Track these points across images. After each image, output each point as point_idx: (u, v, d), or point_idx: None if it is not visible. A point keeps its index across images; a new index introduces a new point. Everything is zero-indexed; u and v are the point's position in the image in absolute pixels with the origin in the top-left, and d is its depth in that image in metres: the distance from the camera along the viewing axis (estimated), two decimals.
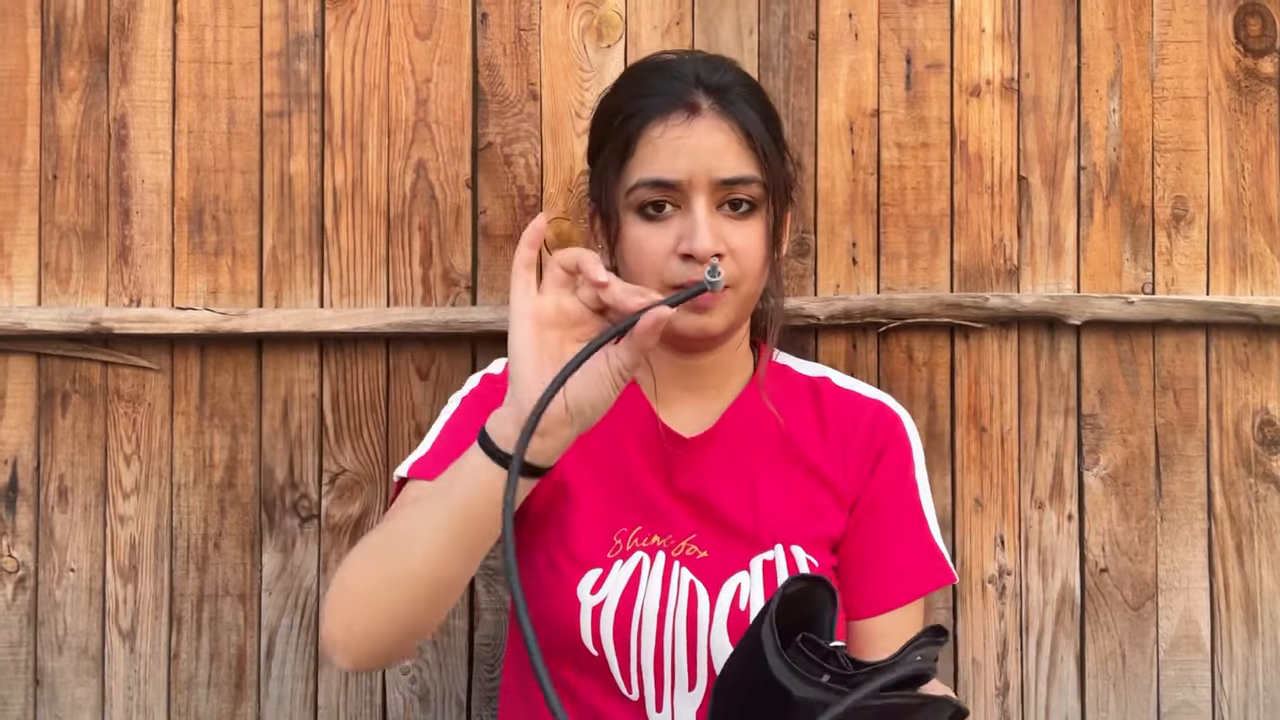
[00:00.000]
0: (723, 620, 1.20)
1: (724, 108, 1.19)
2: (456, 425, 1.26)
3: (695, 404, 1.29)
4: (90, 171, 1.57)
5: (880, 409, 1.32)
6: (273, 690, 1.57)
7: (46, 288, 1.56)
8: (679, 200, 1.18)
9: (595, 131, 1.28)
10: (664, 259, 1.18)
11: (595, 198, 1.27)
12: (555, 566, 1.23)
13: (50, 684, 1.56)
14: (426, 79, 1.58)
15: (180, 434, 1.57)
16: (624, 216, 1.21)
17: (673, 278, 1.17)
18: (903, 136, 1.61)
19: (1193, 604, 1.62)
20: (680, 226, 1.18)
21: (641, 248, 1.19)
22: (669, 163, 1.17)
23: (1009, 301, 1.59)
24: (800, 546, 1.24)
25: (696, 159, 1.17)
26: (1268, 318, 1.60)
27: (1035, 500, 1.61)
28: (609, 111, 1.25)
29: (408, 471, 1.23)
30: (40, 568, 1.56)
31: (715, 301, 1.18)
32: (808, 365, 1.37)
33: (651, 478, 1.26)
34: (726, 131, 1.18)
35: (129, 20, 1.57)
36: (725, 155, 1.18)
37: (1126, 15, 1.62)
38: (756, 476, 1.27)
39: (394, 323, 1.55)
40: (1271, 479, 1.63)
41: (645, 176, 1.18)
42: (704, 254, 1.15)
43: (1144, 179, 1.62)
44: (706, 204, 1.17)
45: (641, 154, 1.19)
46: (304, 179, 1.58)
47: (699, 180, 1.17)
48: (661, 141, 1.18)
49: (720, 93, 1.20)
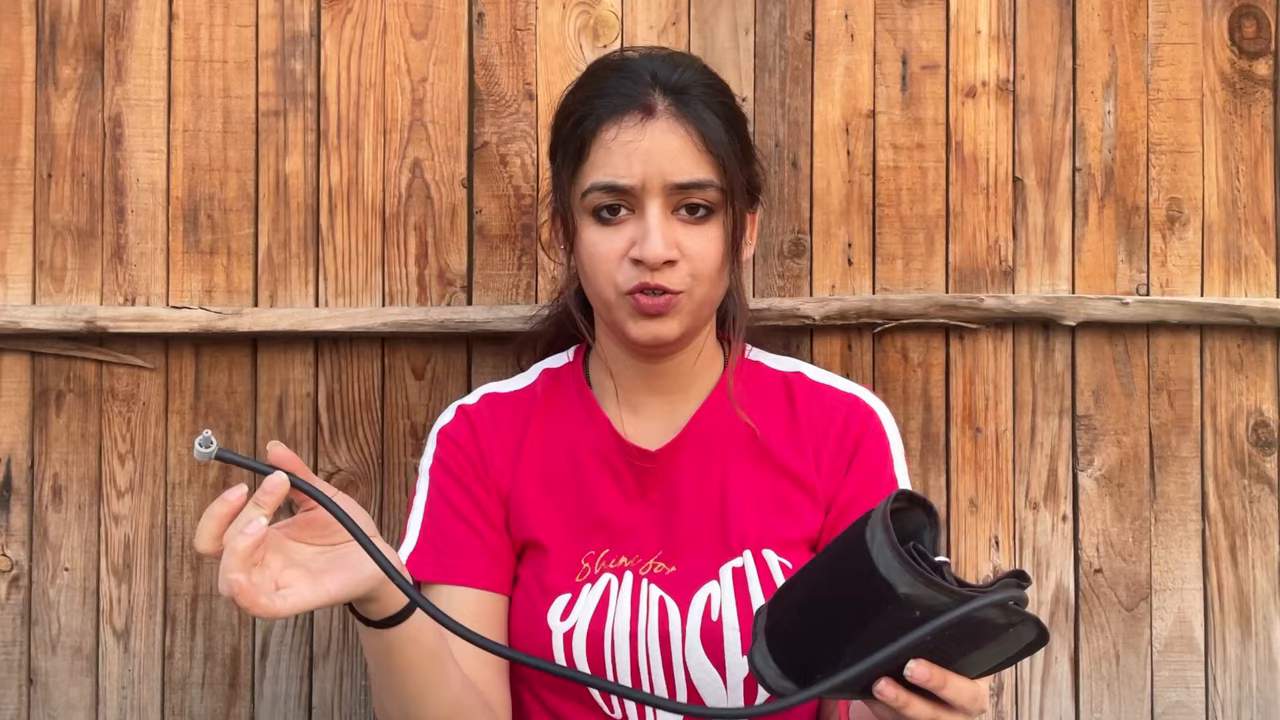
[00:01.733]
0: (695, 633, 1.19)
1: (680, 109, 1.16)
2: (435, 507, 1.26)
3: (662, 408, 1.28)
4: (85, 170, 1.57)
5: (855, 403, 1.28)
6: (267, 690, 1.57)
7: (41, 286, 1.56)
8: (633, 204, 1.16)
9: (553, 132, 1.25)
10: (616, 263, 1.16)
11: (554, 199, 1.25)
12: (528, 595, 1.23)
13: (44, 683, 1.56)
14: (422, 78, 1.58)
15: (175, 433, 1.57)
16: (579, 219, 1.19)
17: (625, 282, 1.16)
18: (898, 137, 1.61)
19: (1186, 605, 1.62)
20: (634, 230, 1.15)
21: (594, 253, 1.17)
22: (623, 166, 1.15)
23: (1004, 302, 1.59)
24: (772, 550, 1.22)
25: (650, 162, 1.14)
26: (1262, 319, 1.60)
27: (1030, 501, 1.61)
28: (565, 112, 1.22)
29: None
30: (34, 567, 1.56)
31: (664, 306, 1.16)
32: (781, 360, 1.34)
33: (618, 497, 1.25)
34: (682, 135, 1.15)
35: (124, 19, 1.57)
36: (680, 159, 1.15)
37: (1122, 17, 1.62)
38: (726, 481, 1.25)
39: (389, 322, 1.55)
40: (1265, 480, 1.63)
41: (598, 180, 1.16)
42: (654, 259, 1.13)
43: (1139, 180, 1.63)
44: (661, 208, 1.15)
45: (595, 157, 1.16)
46: (299, 178, 1.58)
47: (652, 184, 1.14)
48: (615, 144, 1.15)
49: (677, 93, 1.17)
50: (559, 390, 1.31)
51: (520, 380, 1.33)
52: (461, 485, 1.26)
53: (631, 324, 1.18)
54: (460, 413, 1.30)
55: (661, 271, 1.15)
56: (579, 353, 1.33)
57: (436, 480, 1.27)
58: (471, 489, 1.25)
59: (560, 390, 1.31)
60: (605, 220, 1.17)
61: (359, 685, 1.58)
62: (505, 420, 1.29)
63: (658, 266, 1.14)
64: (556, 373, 1.33)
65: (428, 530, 1.25)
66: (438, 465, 1.28)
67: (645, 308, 1.15)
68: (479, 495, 1.25)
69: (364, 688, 1.58)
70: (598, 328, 1.28)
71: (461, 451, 1.27)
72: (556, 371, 1.33)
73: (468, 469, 1.26)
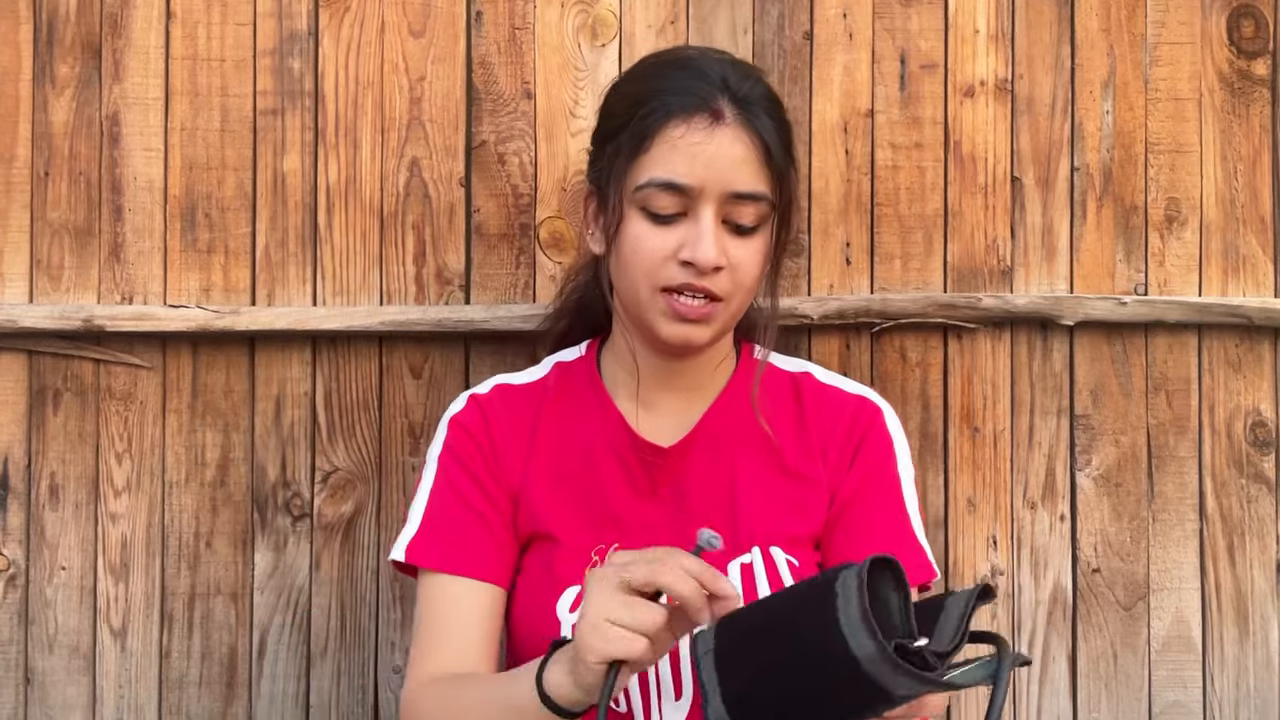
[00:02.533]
0: None
1: (748, 120, 1.16)
2: (442, 493, 1.26)
3: (676, 405, 1.28)
4: (82, 169, 1.56)
5: (861, 403, 1.29)
6: (264, 689, 1.57)
7: (38, 285, 1.56)
8: (687, 206, 1.16)
9: (609, 116, 1.23)
10: (662, 262, 1.16)
11: (596, 181, 1.24)
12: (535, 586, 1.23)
13: (41, 683, 1.56)
14: (420, 77, 1.58)
15: (172, 432, 1.57)
16: (627, 210, 1.18)
17: (668, 280, 1.16)
18: (897, 137, 1.61)
19: (1184, 604, 1.62)
20: (684, 233, 1.15)
21: (639, 246, 1.17)
22: (685, 167, 1.14)
23: (1002, 302, 1.59)
24: (780, 547, 1.23)
25: (713, 168, 1.14)
26: (1260, 319, 1.60)
27: (1028, 500, 1.61)
28: (628, 99, 1.21)
29: (405, 555, 1.24)
30: (31, 566, 1.56)
31: (706, 314, 1.17)
32: (789, 361, 1.34)
33: (629, 492, 1.25)
34: (747, 144, 1.16)
35: (122, 17, 1.56)
36: (742, 169, 1.15)
37: (1120, 17, 1.62)
38: (735, 479, 1.26)
39: (387, 321, 1.55)
40: (1263, 480, 1.63)
41: (658, 176, 1.15)
42: (706, 264, 1.14)
43: (1137, 180, 1.63)
44: (715, 214, 1.15)
45: (657, 151, 1.16)
46: (297, 177, 1.57)
47: (712, 190, 1.15)
48: (681, 143, 1.15)
49: (746, 104, 1.16)
50: (571, 384, 1.31)
51: (532, 373, 1.33)
52: (470, 473, 1.25)
53: (664, 323, 1.18)
54: (473, 401, 1.30)
55: (709, 276, 1.15)
56: (591, 347, 1.33)
57: (445, 467, 1.27)
58: (480, 478, 1.25)
59: (573, 384, 1.31)
60: (656, 218, 1.16)
61: (356, 684, 1.58)
62: (518, 411, 1.29)
63: (707, 271, 1.15)
64: (569, 366, 1.33)
65: (432, 516, 1.25)
66: (447, 452, 1.28)
67: (685, 312, 1.16)
68: (487, 485, 1.25)
69: (361, 686, 1.58)
70: (616, 322, 1.28)
71: (473, 440, 1.27)
72: (569, 365, 1.33)
73: (477, 458, 1.26)
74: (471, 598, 1.21)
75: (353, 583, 1.57)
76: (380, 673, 1.58)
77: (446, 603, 1.22)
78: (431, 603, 1.23)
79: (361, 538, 1.57)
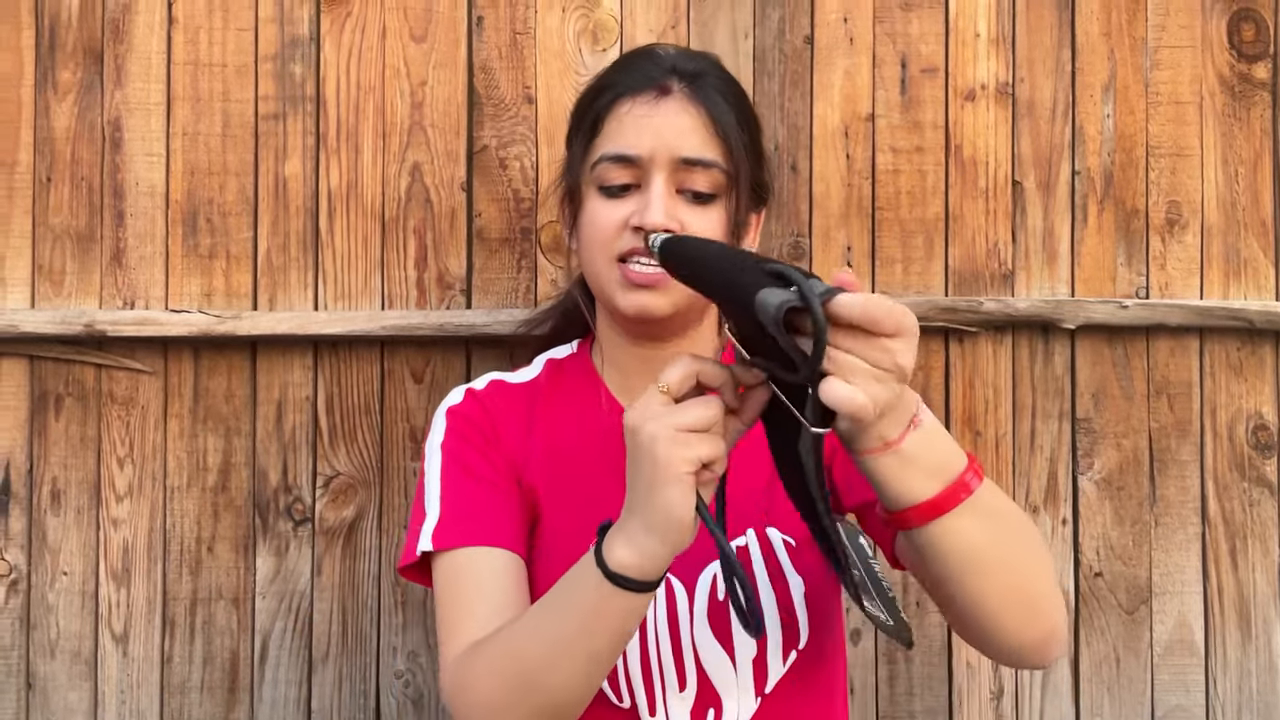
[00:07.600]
0: (703, 613, 1.19)
1: (694, 92, 1.20)
2: (454, 477, 1.25)
3: None
4: (84, 174, 1.56)
5: None
6: (266, 694, 1.57)
7: (40, 290, 1.56)
8: (639, 177, 1.19)
9: (574, 114, 1.29)
10: (616, 232, 1.18)
11: (565, 178, 1.28)
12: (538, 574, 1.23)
13: (42, 688, 1.56)
14: (422, 82, 1.58)
15: (174, 437, 1.57)
16: (585, 191, 1.22)
17: (621, 248, 1.18)
18: (897, 141, 1.61)
19: (1186, 608, 1.62)
20: (637, 203, 1.18)
21: (594, 220, 1.20)
22: (633, 137, 1.18)
23: (1003, 305, 1.59)
24: (775, 528, 1.23)
25: (660, 136, 1.18)
26: (1261, 322, 1.60)
27: (1030, 504, 1.61)
28: (589, 94, 1.26)
29: (433, 543, 1.21)
30: (33, 571, 1.56)
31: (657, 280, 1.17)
32: None
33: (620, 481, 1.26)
34: (693, 114, 1.19)
35: (123, 23, 1.57)
36: (689, 135, 1.18)
37: (1121, 21, 1.63)
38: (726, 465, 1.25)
39: (388, 326, 1.55)
40: (1265, 483, 1.63)
41: (608, 150, 1.19)
42: (654, 227, 1.15)
43: (1138, 184, 1.63)
44: (665, 182, 1.18)
45: (608, 129, 1.20)
46: (299, 182, 1.57)
47: (660, 158, 1.17)
48: (628, 118, 1.19)
49: (692, 78, 1.20)
50: (565, 377, 1.32)
51: (525, 373, 1.34)
52: (477, 450, 1.25)
53: (620, 294, 1.19)
54: (469, 394, 1.30)
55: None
56: (583, 345, 1.34)
57: (450, 450, 1.26)
58: (487, 454, 1.25)
59: (565, 377, 1.31)
60: (610, 193, 1.19)
61: (358, 689, 1.57)
62: (514, 404, 1.29)
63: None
64: (560, 362, 1.34)
65: (448, 500, 1.23)
66: (450, 438, 1.27)
67: (635, 279, 1.17)
68: (495, 460, 1.25)
69: (363, 691, 1.57)
70: (599, 317, 1.29)
71: (473, 425, 1.26)
72: (560, 361, 1.34)
73: (479, 439, 1.25)
74: (501, 563, 1.19)
75: (354, 587, 1.57)
76: (382, 678, 1.57)
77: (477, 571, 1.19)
78: (460, 574, 1.19)
79: (363, 542, 1.57)
